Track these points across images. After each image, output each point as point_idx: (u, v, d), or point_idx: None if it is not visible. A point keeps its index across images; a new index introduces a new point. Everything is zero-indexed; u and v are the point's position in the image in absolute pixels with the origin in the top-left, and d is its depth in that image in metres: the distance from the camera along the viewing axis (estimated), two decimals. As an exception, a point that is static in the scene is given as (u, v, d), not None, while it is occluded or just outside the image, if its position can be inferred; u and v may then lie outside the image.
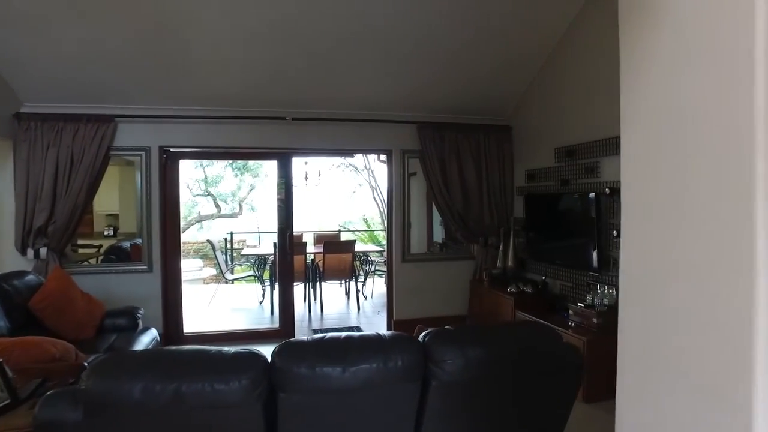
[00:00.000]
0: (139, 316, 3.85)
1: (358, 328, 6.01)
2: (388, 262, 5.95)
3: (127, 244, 5.37)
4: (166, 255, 5.24)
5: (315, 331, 5.90)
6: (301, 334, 5.74)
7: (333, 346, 1.93)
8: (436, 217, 6.22)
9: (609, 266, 4.36)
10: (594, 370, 3.29)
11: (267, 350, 1.91)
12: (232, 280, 8.02)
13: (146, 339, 3.50)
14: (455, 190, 5.73)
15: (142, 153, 5.04)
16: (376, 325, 6.20)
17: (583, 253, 4.57)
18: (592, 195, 4.42)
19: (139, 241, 5.15)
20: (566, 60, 4.93)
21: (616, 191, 4.25)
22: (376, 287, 8.44)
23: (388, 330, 5.88)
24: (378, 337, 2.02)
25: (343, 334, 2.03)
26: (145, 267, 5.09)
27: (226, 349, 1.90)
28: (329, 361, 1.85)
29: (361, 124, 5.59)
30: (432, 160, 5.65)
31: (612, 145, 4.31)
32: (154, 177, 5.10)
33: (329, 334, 2.02)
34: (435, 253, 6.13)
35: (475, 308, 5.75)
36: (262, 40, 4.43)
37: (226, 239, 10.47)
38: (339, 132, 5.58)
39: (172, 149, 5.28)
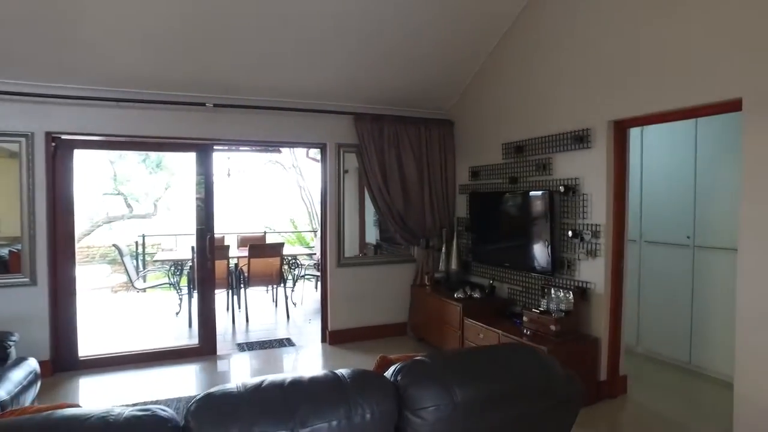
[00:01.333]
0: (11, 343, 3.01)
1: (289, 341, 5.40)
2: (322, 267, 5.39)
3: (4, 252, 4.40)
4: (56, 264, 4.35)
5: (240, 346, 5.23)
6: (225, 350, 5.06)
7: (275, 399, 1.39)
8: (369, 217, 5.76)
9: (564, 268, 4.12)
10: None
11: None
12: (144, 289, 7.07)
13: (18, 375, 2.69)
14: (395, 187, 5.29)
15: (22, 140, 4.13)
16: (309, 335, 5.63)
17: (534, 255, 4.29)
18: (544, 193, 4.15)
19: (19, 247, 4.22)
20: (514, 52, 4.65)
21: (571, 189, 4.01)
22: (307, 293, 7.84)
23: (323, 342, 5.34)
24: (335, 380, 1.50)
25: (288, 377, 1.49)
26: (27, 279, 4.18)
27: (116, 410, 1.30)
28: (272, 422, 1.31)
29: (292, 115, 5.00)
30: (370, 154, 5.18)
31: (566, 141, 4.06)
32: (39, 169, 4.20)
33: (268, 379, 1.47)
34: (372, 257, 5.66)
35: (417, 315, 5.35)
36: (179, 13, 3.73)
37: (137, 242, 9.37)
38: (267, 122, 4.96)
39: (63, 136, 4.39)
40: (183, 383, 4.26)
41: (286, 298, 6.58)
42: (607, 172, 3.76)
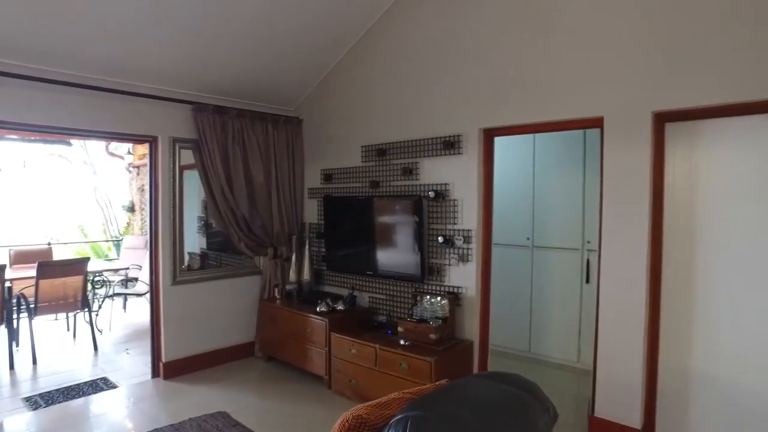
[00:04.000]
0: None
1: (105, 382, 4.28)
2: (153, 287, 4.42)
3: None
4: None
5: (30, 402, 3.92)
6: (3, 411, 3.73)
7: None
8: (191, 223, 4.92)
9: (434, 274, 4.10)
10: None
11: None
12: None
13: None
14: (240, 190, 4.65)
15: None
16: (132, 370, 4.57)
17: (402, 262, 4.20)
18: (413, 198, 4.08)
19: None
20: (377, 53, 4.49)
21: (441, 195, 4.02)
22: (117, 316, 6.46)
23: (154, 377, 4.40)
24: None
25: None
26: None
27: None
28: None
29: (109, 97, 3.96)
30: (212, 151, 4.44)
31: (435, 147, 4.06)
32: None
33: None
34: (213, 270, 4.86)
35: (267, 333, 4.79)
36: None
37: None
38: (68, 103, 3.81)
39: None
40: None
41: (92, 325, 5.25)
42: (477, 179, 3.86)
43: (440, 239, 4.01)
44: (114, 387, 4.23)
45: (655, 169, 3.10)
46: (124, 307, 6.89)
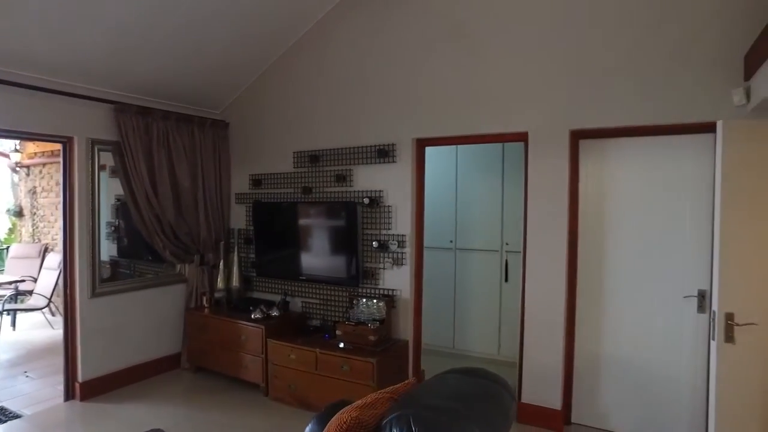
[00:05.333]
0: None
1: (4, 412, 3.85)
2: (69, 301, 4.06)
3: None
4: None
5: None
6: None
7: None
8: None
9: (368, 278, 4.24)
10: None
11: None
12: None
13: None
14: (166, 195, 4.45)
15: None
16: (37, 396, 4.16)
17: (337, 266, 4.29)
18: (347, 204, 4.19)
19: None
20: (309, 58, 4.53)
21: (375, 201, 4.17)
22: (4, 335, 5.78)
23: (68, 399, 4.06)
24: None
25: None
26: None
27: None
28: None
29: (14, 91, 3.59)
30: (136, 155, 4.20)
31: (369, 154, 4.20)
32: None
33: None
34: (134, 281, 4.57)
35: (195, 343, 4.61)
36: None
37: None
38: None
39: None
40: None
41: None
42: (411, 186, 4.07)
43: (375, 244, 4.16)
44: (16, 416, 3.78)
45: (571, 179, 3.51)
46: (13, 324, 6.19)
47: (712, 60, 3.02)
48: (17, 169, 7.36)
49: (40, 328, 6.21)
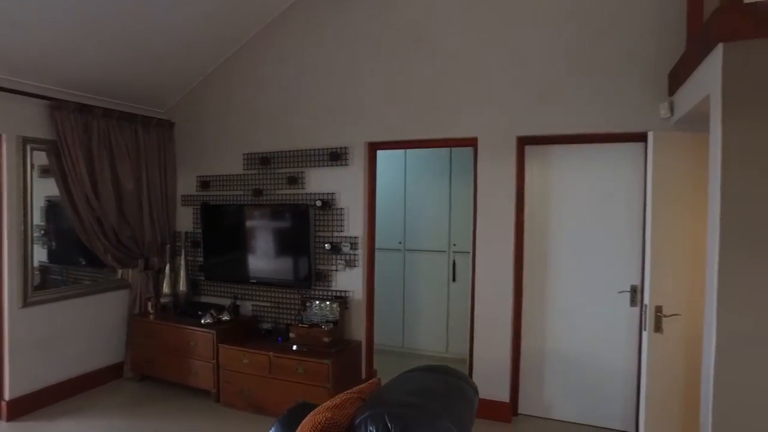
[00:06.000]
0: None
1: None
2: (-2, 310, 3.79)
3: None
4: None
5: None
6: None
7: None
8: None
9: (321, 280, 4.27)
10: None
11: None
12: None
13: None
14: (107, 198, 4.25)
15: None
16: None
17: (289, 269, 4.29)
18: (300, 207, 4.20)
19: None
20: (260, 60, 4.49)
21: (328, 204, 4.20)
22: None
23: (-2, 415, 3.78)
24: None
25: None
26: None
27: None
28: None
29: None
30: (74, 155, 3.98)
31: (321, 157, 4.22)
32: None
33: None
34: (70, 288, 4.32)
35: (140, 351, 4.42)
36: None
37: None
38: None
39: None
40: None
41: None
42: (363, 189, 4.14)
43: (327, 246, 4.19)
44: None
45: (518, 183, 3.71)
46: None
47: (644, 76, 3.31)
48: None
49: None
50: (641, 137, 3.22)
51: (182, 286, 4.69)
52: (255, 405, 3.87)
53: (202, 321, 4.16)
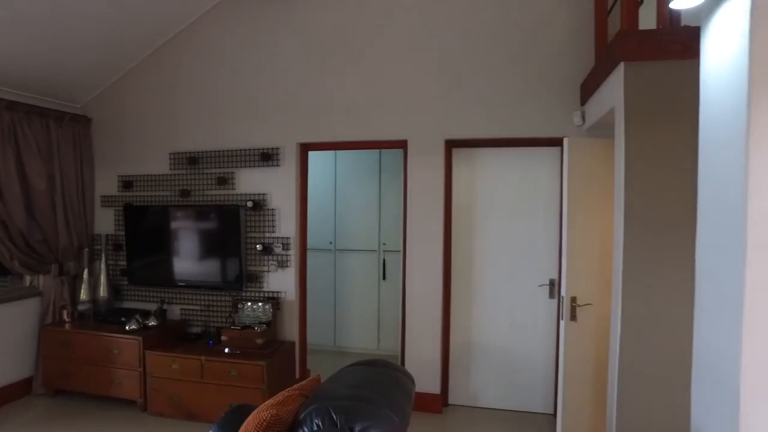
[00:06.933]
0: None
1: None
2: None
3: None
4: None
5: None
6: None
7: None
8: None
9: (253, 281, 4.22)
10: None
11: None
12: None
13: None
14: (15, 199, 3.94)
15: None
16: None
17: (219, 271, 4.21)
18: (230, 208, 4.13)
19: None
20: (188, 56, 4.36)
21: (259, 204, 4.17)
22: None
23: None
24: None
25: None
26: None
27: None
28: None
29: None
30: (-24, 153, 3.68)
31: (252, 158, 4.18)
32: None
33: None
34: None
35: (54, 364, 4.12)
36: None
37: None
38: None
39: None
40: None
41: None
42: (295, 189, 4.15)
43: (259, 247, 4.16)
44: None
45: (446, 184, 3.89)
46: None
47: (560, 87, 3.60)
48: None
49: None
50: (558, 142, 3.51)
51: (103, 291, 4.44)
52: (186, 411, 3.76)
53: (127, 327, 3.98)
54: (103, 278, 4.45)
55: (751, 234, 1.35)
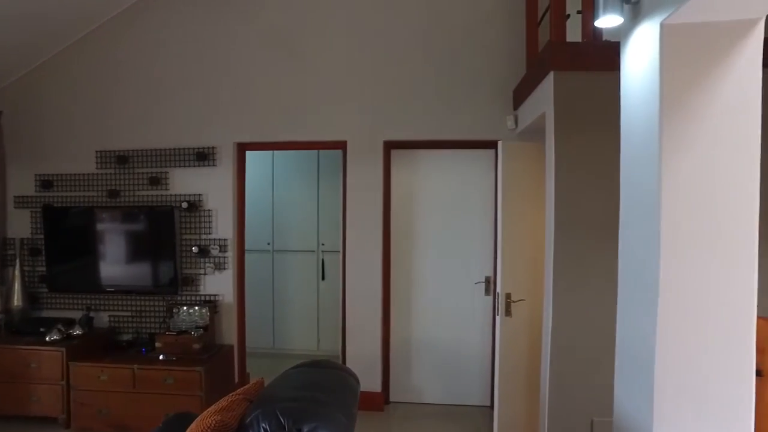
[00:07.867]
0: None
1: None
2: None
3: None
4: None
5: None
6: None
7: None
8: None
9: (188, 284, 4.08)
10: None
11: None
12: None
13: None
14: None
15: None
16: None
17: (151, 275, 4.03)
18: (163, 209, 3.97)
19: None
20: (117, 48, 4.12)
21: (194, 205, 4.04)
22: None
23: None
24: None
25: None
26: None
27: None
28: None
29: None
30: None
31: (187, 157, 4.04)
32: None
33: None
34: None
35: (-38, 378, 3.79)
36: None
37: None
38: None
39: None
40: None
41: None
42: (232, 190, 4.06)
43: (195, 249, 4.03)
44: None
45: (385, 184, 3.95)
46: None
47: (495, 91, 3.76)
48: None
49: None
50: (492, 145, 3.66)
51: (17, 300, 4.11)
52: (116, 424, 3.57)
53: (48, 338, 3.71)
54: (17, 286, 4.11)
55: (665, 238, 1.50)
